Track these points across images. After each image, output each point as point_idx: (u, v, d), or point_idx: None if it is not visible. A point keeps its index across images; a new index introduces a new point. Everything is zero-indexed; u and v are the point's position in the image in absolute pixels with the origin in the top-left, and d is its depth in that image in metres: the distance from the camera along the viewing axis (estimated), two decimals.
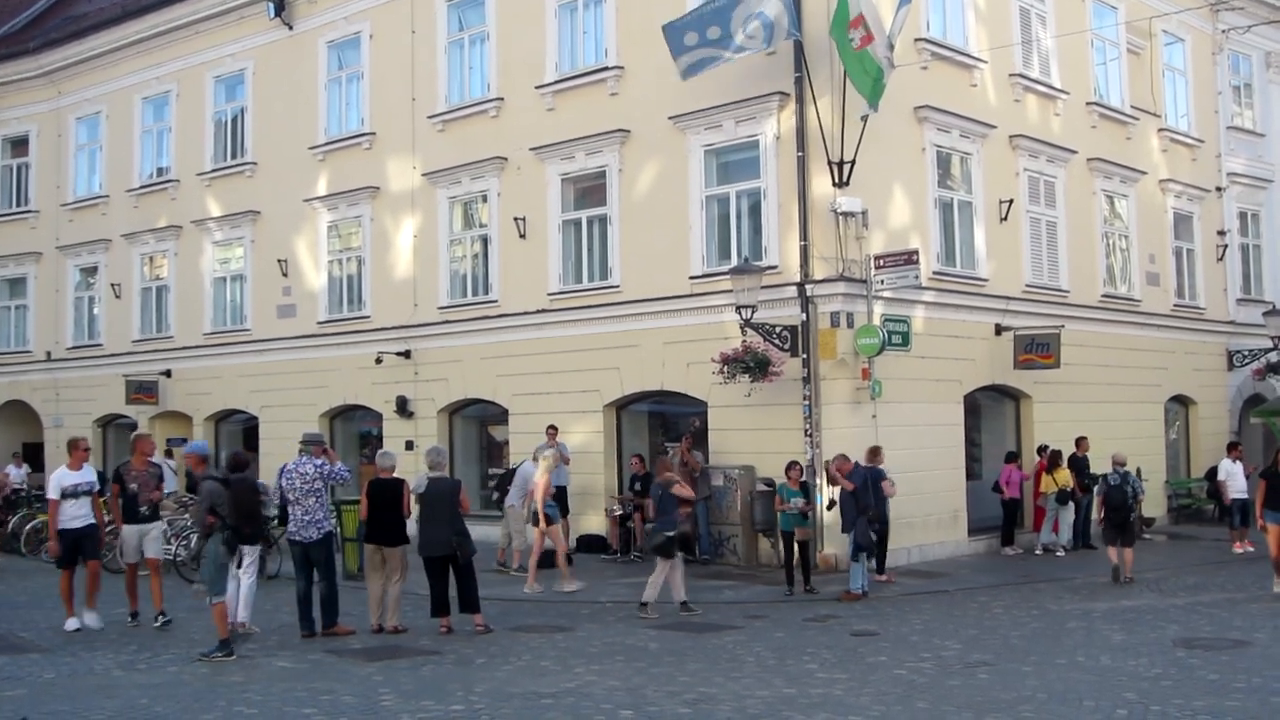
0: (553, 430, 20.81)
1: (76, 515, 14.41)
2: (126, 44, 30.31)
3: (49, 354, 32.77)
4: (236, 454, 15.11)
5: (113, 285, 30.84)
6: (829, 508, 17.53)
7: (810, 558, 17.01)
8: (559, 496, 20.91)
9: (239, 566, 13.68)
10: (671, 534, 15.18)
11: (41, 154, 33.07)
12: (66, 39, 31.98)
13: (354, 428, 26.45)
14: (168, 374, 29.32)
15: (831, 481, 17.05)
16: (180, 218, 29.19)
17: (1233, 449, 22.60)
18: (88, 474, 14.79)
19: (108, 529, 15.96)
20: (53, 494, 14.41)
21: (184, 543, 18.57)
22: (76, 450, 14.85)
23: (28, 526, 22.34)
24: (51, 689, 11.16)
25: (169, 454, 27.20)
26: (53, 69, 32.28)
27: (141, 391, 29.42)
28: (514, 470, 19.73)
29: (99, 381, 30.99)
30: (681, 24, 19.05)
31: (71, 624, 14.28)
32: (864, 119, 18.13)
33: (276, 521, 16.83)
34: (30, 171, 33.46)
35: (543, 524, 17.44)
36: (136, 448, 15.18)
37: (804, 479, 17.22)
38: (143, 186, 30.30)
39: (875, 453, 17.53)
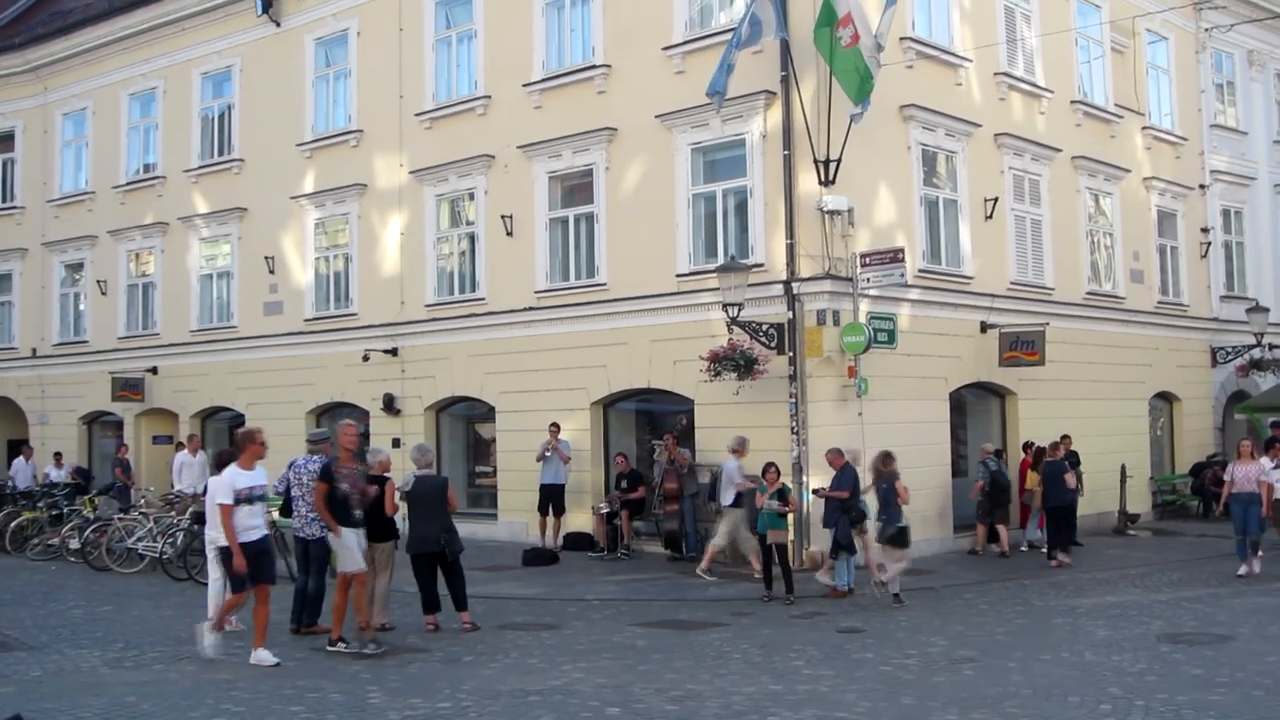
0: (555, 428, 20.86)
1: (251, 525, 12.20)
2: (113, 40, 30.24)
3: (34, 351, 32.70)
4: (223, 452, 15.13)
5: (99, 282, 30.78)
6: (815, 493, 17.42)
7: (789, 562, 16.31)
8: (555, 495, 21.02)
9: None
10: (904, 525, 15.81)
11: (27, 150, 32.98)
12: (53, 34, 31.90)
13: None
14: (154, 371, 29.28)
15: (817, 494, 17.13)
16: (167, 214, 29.14)
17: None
18: (262, 475, 12.56)
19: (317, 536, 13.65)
20: (224, 498, 12.11)
21: (170, 540, 18.53)
22: (252, 445, 12.60)
23: (12, 524, 22.30)
24: (39, 686, 11.16)
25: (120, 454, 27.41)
26: (39, 64, 32.20)
27: (127, 388, 29.37)
28: (716, 473, 18.88)
29: (85, 378, 30.92)
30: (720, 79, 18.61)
31: (267, 658, 11.99)
32: (852, 119, 18.17)
33: (280, 514, 16.68)
34: (16, 167, 33.36)
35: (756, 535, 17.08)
36: (339, 440, 13.27)
37: (781, 482, 16.38)
38: (129, 183, 30.24)
39: (888, 459, 16.52)
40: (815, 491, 17.26)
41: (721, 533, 18.13)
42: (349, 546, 12.80)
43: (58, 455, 28.43)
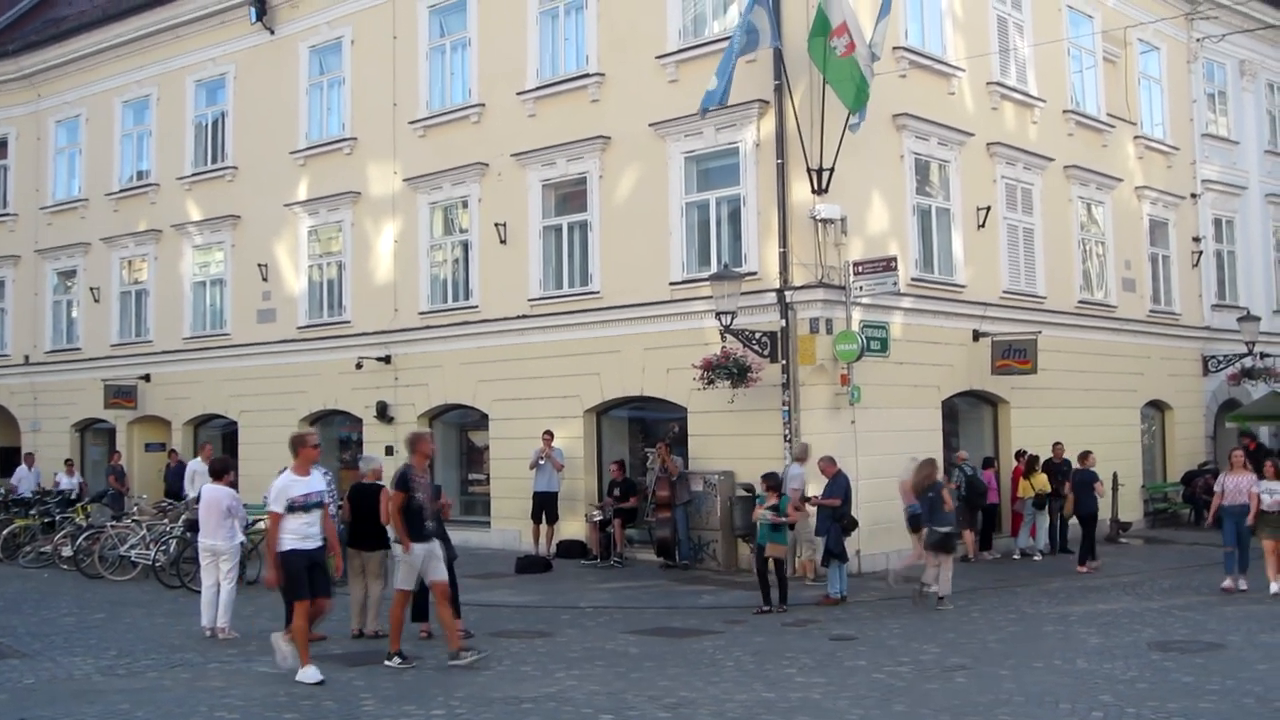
0: (548, 436, 20.88)
1: (308, 534, 11.57)
2: (107, 47, 30.26)
3: (27, 358, 32.66)
4: (216, 459, 15.17)
5: (91, 289, 30.75)
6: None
7: (785, 574, 16.07)
8: (549, 502, 21.03)
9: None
10: (949, 530, 16.22)
11: (20, 157, 32.99)
12: (46, 42, 31.92)
13: (333, 433, 26.42)
14: (147, 378, 29.25)
15: (806, 502, 17.14)
16: (160, 222, 29.14)
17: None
18: (318, 481, 11.99)
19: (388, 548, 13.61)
20: (276, 506, 11.49)
21: (163, 548, 18.51)
22: (304, 449, 11.90)
23: (4, 531, 22.25)
24: (32, 694, 11.14)
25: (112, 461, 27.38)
26: (32, 72, 32.20)
27: (120, 396, 29.33)
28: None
29: (77, 385, 30.90)
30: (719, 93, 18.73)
31: (312, 675, 11.31)
32: (849, 128, 18.22)
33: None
34: (9, 174, 33.43)
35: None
36: (416, 448, 12.58)
37: (783, 493, 16.16)
38: (122, 190, 30.24)
39: (933, 467, 16.74)
40: (807, 499, 17.29)
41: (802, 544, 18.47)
42: (412, 563, 12.15)
43: (69, 462, 28.31)
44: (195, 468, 22.44)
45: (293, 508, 11.46)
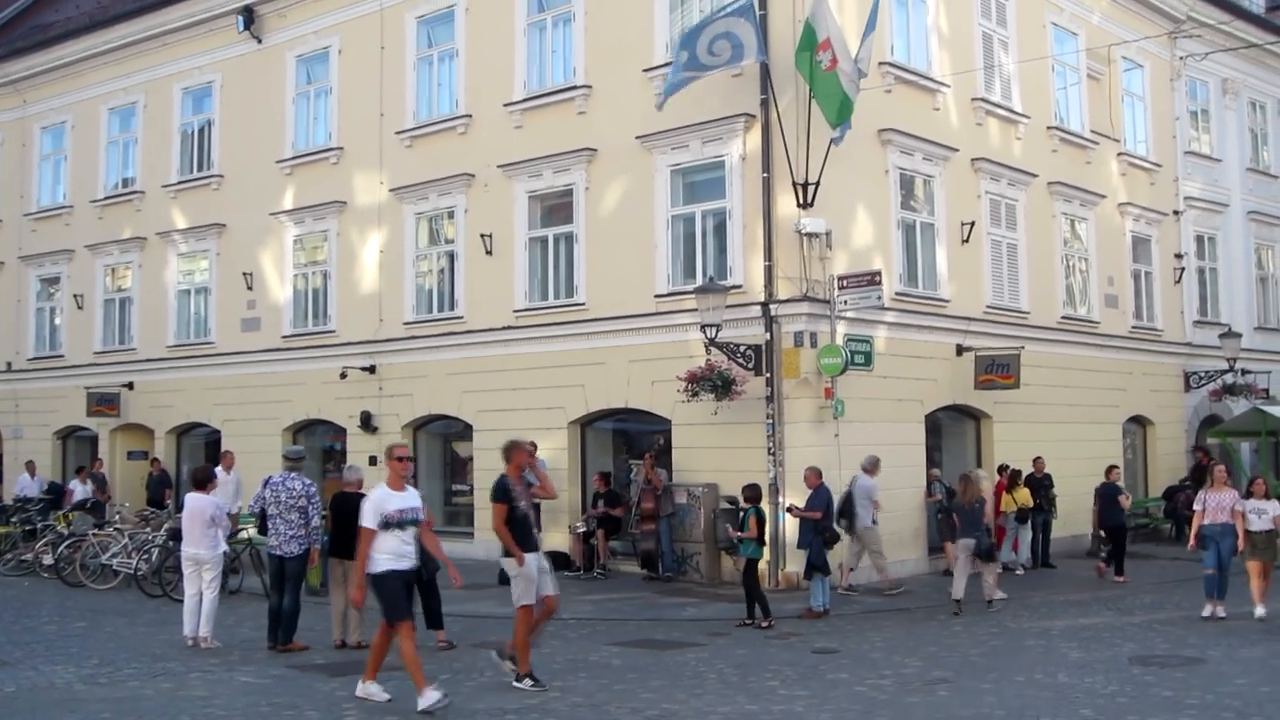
0: (532, 446, 20.79)
1: (404, 553, 10.88)
2: (93, 54, 30.20)
3: (9, 365, 32.52)
4: (198, 468, 15.12)
5: (75, 296, 30.65)
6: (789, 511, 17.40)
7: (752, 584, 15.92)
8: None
9: None
10: (990, 542, 17.45)
11: (5, 163, 32.84)
12: (33, 48, 31.84)
13: (317, 442, 26.37)
14: (130, 386, 29.16)
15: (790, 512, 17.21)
16: (145, 229, 29.08)
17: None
18: (414, 496, 11.31)
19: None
20: (369, 521, 10.74)
21: (145, 556, 18.46)
22: (396, 461, 11.25)
23: None
24: (13, 703, 11.11)
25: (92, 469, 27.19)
26: (18, 78, 32.10)
27: (103, 404, 29.22)
28: (850, 492, 18.64)
29: (60, 393, 30.77)
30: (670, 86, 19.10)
31: (377, 692, 10.96)
32: (832, 141, 18.32)
33: (257, 532, 16.62)
34: None
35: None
36: (513, 457, 11.86)
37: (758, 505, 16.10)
38: (107, 197, 30.16)
39: (974, 481, 17.67)
40: (789, 509, 17.34)
41: (849, 554, 18.72)
42: (530, 576, 11.48)
43: (81, 470, 27.76)
44: (222, 478, 22.28)
45: (388, 524, 10.74)
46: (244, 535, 18.22)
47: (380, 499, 10.87)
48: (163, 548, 18.07)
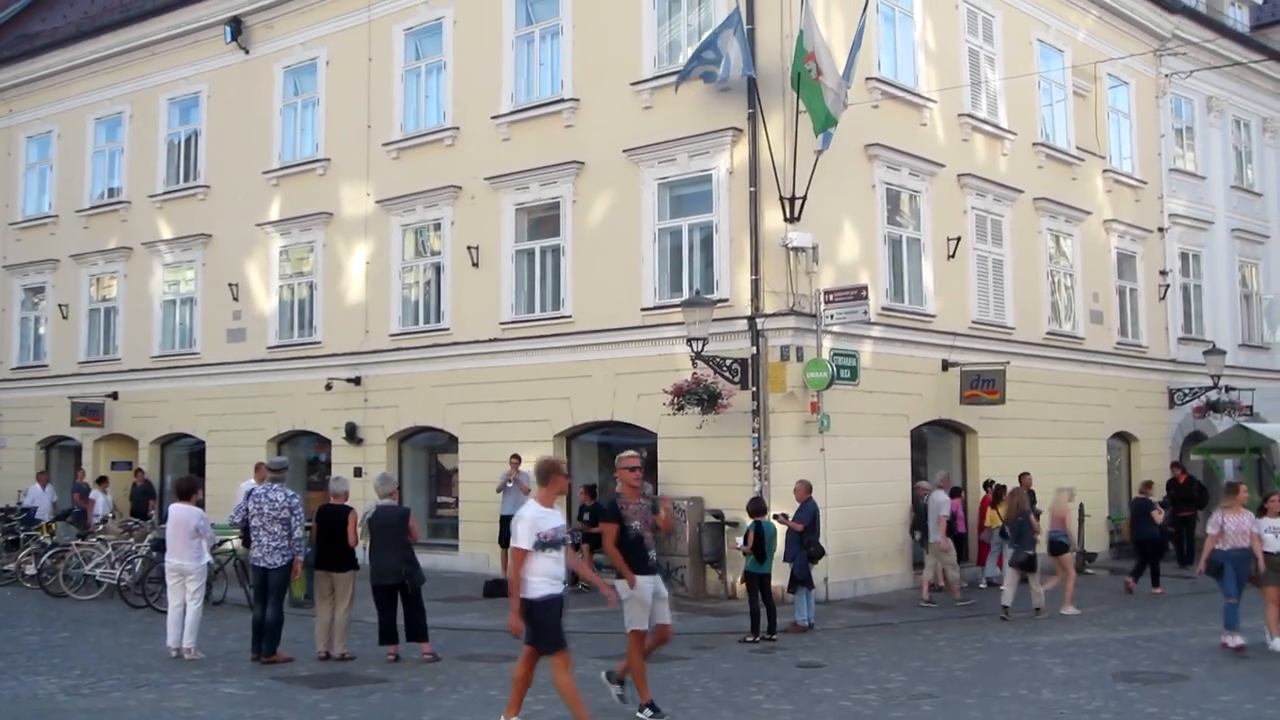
0: (515, 459, 20.81)
1: (558, 574, 10.00)
2: (80, 64, 30.18)
3: None
4: (183, 478, 15.07)
5: (60, 306, 30.56)
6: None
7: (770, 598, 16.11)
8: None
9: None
10: (1032, 553, 17.95)
11: None
12: (18, 57, 31.82)
13: (301, 453, 26.30)
14: (114, 396, 29.04)
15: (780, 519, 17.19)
16: (131, 239, 29.01)
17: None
18: (560, 515, 10.38)
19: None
20: (524, 542, 9.78)
21: (128, 567, 18.37)
22: (558, 477, 10.20)
23: None
24: None
25: (101, 480, 26.98)
26: (4, 87, 32.04)
27: (87, 414, 29.10)
28: (924, 507, 19.80)
29: (44, 403, 30.66)
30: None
31: None
32: (817, 153, 18.38)
33: (240, 543, 16.55)
34: None
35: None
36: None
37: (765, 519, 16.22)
38: (93, 207, 30.10)
39: (1018, 495, 18.71)
40: (777, 517, 17.35)
41: (928, 568, 19.60)
42: (643, 600, 10.96)
43: (101, 480, 27.14)
44: (247, 489, 22.14)
45: (543, 544, 9.80)
46: (228, 546, 18.16)
47: (535, 517, 9.85)
48: (146, 558, 17.99)
